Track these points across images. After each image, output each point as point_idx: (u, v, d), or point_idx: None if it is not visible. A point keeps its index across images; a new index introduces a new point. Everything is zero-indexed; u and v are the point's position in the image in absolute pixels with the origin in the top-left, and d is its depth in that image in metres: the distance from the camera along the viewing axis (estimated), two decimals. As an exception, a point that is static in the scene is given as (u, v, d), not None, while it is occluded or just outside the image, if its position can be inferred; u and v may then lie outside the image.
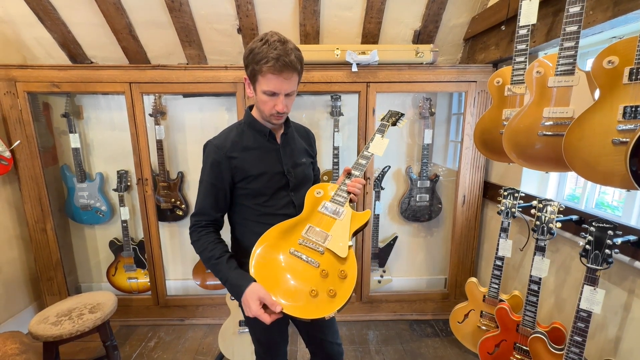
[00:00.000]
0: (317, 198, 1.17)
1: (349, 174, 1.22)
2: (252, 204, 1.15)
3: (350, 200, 1.17)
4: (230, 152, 1.11)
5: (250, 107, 1.22)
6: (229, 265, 1.06)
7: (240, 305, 1.09)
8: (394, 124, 1.32)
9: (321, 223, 1.12)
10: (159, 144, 2.41)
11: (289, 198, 1.19)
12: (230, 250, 1.16)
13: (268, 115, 1.10)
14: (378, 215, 2.47)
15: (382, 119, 1.33)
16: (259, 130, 1.17)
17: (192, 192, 2.58)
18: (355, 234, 1.14)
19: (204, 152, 1.17)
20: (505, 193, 1.83)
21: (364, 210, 1.18)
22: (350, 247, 1.07)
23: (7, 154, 2.06)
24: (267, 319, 0.96)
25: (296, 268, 1.05)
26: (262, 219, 1.17)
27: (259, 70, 1.02)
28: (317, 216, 1.14)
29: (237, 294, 1.02)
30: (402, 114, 1.32)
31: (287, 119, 1.25)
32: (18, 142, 2.11)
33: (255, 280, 1.01)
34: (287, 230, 1.11)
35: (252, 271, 1.05)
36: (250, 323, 1.28)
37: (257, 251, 1.08)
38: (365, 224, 1.16)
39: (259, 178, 1.13)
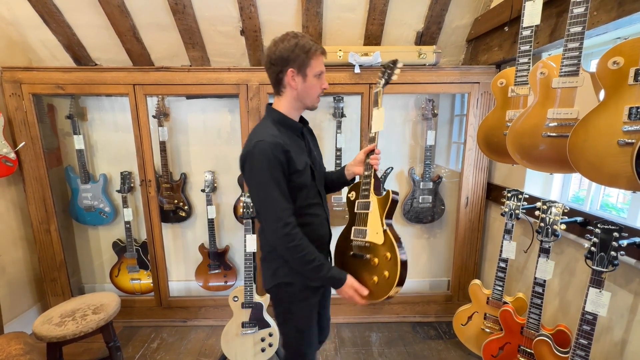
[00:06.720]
0: (352, 201, 1.37)
1: (367, 158, 1.33)
2: (295, 197, 1.19)
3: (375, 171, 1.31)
4: (285, 147, 1.13)
5: (270, 104, 1.26)
6: (328, 266, 1.21)
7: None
8: (387, 82, 1.31)
9: (360, 222, 1.32)
10: (162, 145, 2.42)
11: (316, 188, 1.29)
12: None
13: (316, 97, 1.24)
14: (381, 216, 2.46)
15: (377, 81, 1.33)
16: (291, 126, 1.24)
17: (194, 193, 2.59)
18: (390, 213, 1.28)
19: (252, 155, 1.11)
20: (509, 194, 1.82)
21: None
22: (385, 231, 1.24)
23: (12, 155, 2.07)
24: (360, 301, 1.23)
25: (358, 265, 1.30)
26: (299, 210, 1.20)
27: (312, 56, 1.16)
28: (357, 217, 1.33)
29: (338, 284, 1.22)
30: (395, 60, 1.30)
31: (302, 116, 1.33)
32: (23, 143, 2.12)
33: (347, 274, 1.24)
34: (345, 235, 1.38)
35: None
36: (292, 313, 1.31)
37: (334, 257, 1.42)
38: (392, 203, 1.26)
39: (302, 171, 1.19)
